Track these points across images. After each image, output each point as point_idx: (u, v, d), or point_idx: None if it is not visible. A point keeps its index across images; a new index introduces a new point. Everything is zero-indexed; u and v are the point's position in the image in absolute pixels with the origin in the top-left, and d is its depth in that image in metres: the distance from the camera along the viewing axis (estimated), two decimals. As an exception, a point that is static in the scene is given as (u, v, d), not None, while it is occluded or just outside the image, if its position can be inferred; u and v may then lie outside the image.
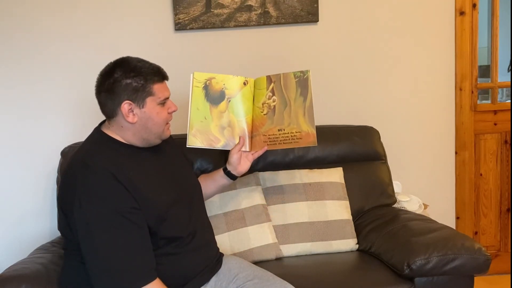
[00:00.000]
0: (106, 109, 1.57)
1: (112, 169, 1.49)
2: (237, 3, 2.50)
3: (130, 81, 1.53)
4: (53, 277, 1.71)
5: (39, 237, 2.40)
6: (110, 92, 1.54)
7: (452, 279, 1.87)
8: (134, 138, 1.59)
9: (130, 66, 1.55)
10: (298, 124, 1.78)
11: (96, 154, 1.55)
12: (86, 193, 1.46)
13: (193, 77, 1.78)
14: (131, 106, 1.54)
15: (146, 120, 1.56)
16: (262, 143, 1.83)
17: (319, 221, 2.15)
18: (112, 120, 1.59)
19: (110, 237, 1.44)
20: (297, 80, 1.79)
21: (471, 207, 2.84)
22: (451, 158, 2.79)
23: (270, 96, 1.83)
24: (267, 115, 1.83)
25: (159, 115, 1.58)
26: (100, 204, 1.45)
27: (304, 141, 1.78)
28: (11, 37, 2.41)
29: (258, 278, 1.67)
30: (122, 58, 1.59)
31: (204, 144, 1.81)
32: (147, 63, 1.58)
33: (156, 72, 1.57)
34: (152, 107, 1.56)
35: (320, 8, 2.56)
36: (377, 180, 2.38)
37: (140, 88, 1.53)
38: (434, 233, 1.95)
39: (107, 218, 1.44)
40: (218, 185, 1.91)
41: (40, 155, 2.46)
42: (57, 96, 2.46)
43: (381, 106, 2.69)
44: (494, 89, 2.88)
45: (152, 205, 1.52)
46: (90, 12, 2.45)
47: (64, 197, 1.56)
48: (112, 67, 1.56)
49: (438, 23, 2.68)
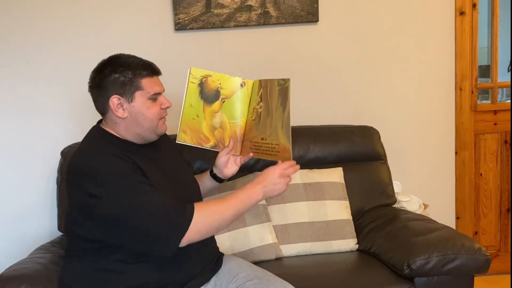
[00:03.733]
0: (98, 105, 1.59)
1: (119, 155, 1.50)
2: (237, 3, 2.50)
3: (118, 75, 1.54)
4: (53, 277, 1.71)
5: (39, 237, 2.40)
6: (99, 88, 1.56)
7: (452, 279, 1.87)
8: (127, 133, 1.60)
9: (120, 62, 1.56)
10: (277, 136, 1.65)
11: (99, 145, 1.57)
12: (103, 173, 1.46)
13: (190, 73, 1.73)
14: (120, 101, 1.55)
15: (136, 115, 1.56)
16: (249, 149, 1.77)
17: (319, 221, 2.15)
18: (106, 116, 1.61)
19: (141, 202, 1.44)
20: (280, 88, 1.65)
21: (471, 207, 2.84)
22: (451, 158, 2.79)
23: (258, 101, 1.74)
24: (254, 121, 1.75)
25: (150, 110, 1.57)
26: (120, 178, 1.46)
27: (281, 156, 1.64)
28: (12, 37, 2.41)
29: (258, 278, 1.67)
30: (114, 55, 1.60)
31: (194, 142, 1.76)
32: (138, 58, 1.59)
33: (146, 66, 1.58)
34: (141, 102, 1.56)
35: (320, 8, 2.56)
36: (377, 180, 2.38)
37: (128, 82, 1.54)
38: (434, 233, 1.95)
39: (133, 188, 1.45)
40: (205, 187, 1.88)
41: (40, 155, 2.46)
42: (57, 96, 2.46)
43: (381, 106, 2.69)
44: (494, 89, 2.88)
45: None
46: (90, 12, 2.45)
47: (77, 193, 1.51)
48: (103, 63, 1.58)
49: (438, 23, 2.68)
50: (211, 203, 1.54)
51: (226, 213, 1.53)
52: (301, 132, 2.40)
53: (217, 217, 1.52)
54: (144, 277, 1.54)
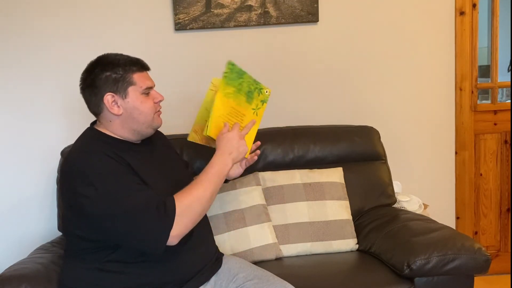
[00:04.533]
0: (92, 105, 1.60)
1: (111, 155, 1.51)
2: (237, 3, 2.50)
3: (109, 73, 1.56)
4: (53, 277, 1.71)
5: (39, 237, 2.40)
6: (92, 87, 1.57)
7: (452, 279, 1.87)
8: (124, 130, 1.60)
9: (108, 60, 1.59)
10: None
11: (91, 144, 1.57)
12: (92, 173, 1.47)
13: (211, 82, 1.85)
14: (114, 98, 1.56)
15: (132, 110, 1.58)
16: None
17: (319, 221, 2.15)
18: (100, 116, 1.61)
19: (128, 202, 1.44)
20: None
21: (471, 207, 2.84)
22: (451, 158, 2.79)
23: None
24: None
25: (144, 105, 1.60)
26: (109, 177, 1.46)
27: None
28: (12, 38, 2.41)
29: (258, 278, 1.67)
30: (101, 55, 1.62)
31: (203, 142, 1.86)
32: (126, 55, 1.62)
33: (135, 62, 1.61)
34: (135, 96, 1.58)
35: (320, 8, 2.56)
36: (377, 180, 2.38)
37: (120, 79, 1.56)
38: (434, 233, 1.95)
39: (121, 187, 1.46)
40: None
41: (40, 155, 2.46)
42: (57, 96, 2.46)
43: (381, 106, 2.69)
44: (494, 89, 2.88)
45: None
46: (90, 12, 2.45)
47: (69, 192, 1.53)
48: (92, 64, 1.60)
49: (438, 23, 2.68)
50: (188, 191, 1.52)
51: (205, 196, 1.53)
52: (301, 132, 2.40)
53: (198, 204, 1.52)
54: (144, 277, 1.54)
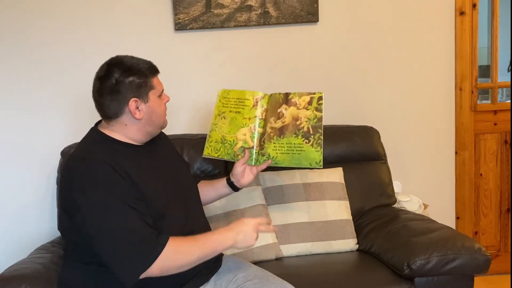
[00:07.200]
0: (110, 110, 1.58)
1: (111, 163, 1.50)
2: (237, 3, 2.50)
3: (132, 78, 1.55)
4: (53, 277, 1.71)
5: (39, 237, 2.40)
6: (114, 93, 1.55)
7: (452, 279, 1.87)
8: (138, 133, 1.61)
9: (127, 65, 1.57)
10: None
11: (94, 150, 1.56)
12: (89, 182, 1.47)
13: (217, 94, 1.93)
14: (137, 103, 1.57)
15: (151, 114, 1.60)
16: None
17: (319, 221, 2.15)
18: (115, 120, 1.59)
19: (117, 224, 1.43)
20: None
21: (471, 207, 2.84)
22: (451, 158, 2.79)
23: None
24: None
25: (160, 107, 1.63)
26: (104, 192, 1.46)
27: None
28: (12, 37, 2.41)
29: (258, 278, 1.67)
30: (113, 58, 1.60)
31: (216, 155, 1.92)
32: (140, 59, 1.61)
33: (151, 66, 1.62)
34: (154, 100, 1.60)
35: (320, 8, 2.56)
36: (377, 180, 2.38)
37: (143, 84, 1.57)
38: (434, 233, 1.95)
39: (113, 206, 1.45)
40: (218, 193, 1.93)
41: (40, 155, 2.46)
42: (58, 96, 2.46)
43: (381, 106, 2.69)
44: (494, 89, 2.88)
45: (150, 201, 1.53)
46: (91, 12, 2.45)
47: (65, 196, 1.55)
48: (108, 68, 1.57)
49: (438, 23, 2.68)
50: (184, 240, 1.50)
51: (193, 255, 1.50)
52: (301, 132, 2.40)
53: (183, 258, 1.49)
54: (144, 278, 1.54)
